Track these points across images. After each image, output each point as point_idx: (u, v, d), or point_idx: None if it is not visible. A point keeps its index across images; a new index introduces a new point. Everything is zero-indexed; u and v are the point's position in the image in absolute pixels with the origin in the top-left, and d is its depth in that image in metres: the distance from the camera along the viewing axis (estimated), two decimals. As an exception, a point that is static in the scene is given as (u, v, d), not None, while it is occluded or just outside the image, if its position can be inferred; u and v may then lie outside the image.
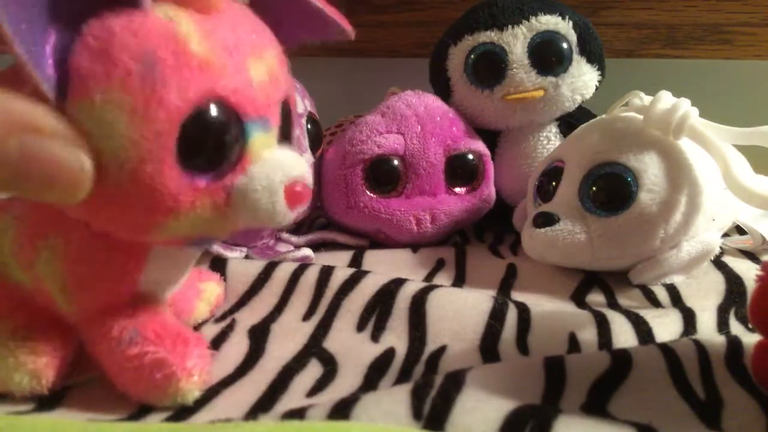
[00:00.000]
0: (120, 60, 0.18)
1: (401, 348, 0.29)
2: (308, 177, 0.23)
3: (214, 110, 0.20)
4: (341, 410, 0.21)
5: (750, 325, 0.30)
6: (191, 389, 0.24)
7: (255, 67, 0.21)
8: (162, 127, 0.19)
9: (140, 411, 0.24)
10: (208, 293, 0.32)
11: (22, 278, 0.25)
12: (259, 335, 0.31)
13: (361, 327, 0.31)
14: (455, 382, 0.22)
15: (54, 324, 0.25)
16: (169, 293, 0.27)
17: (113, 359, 0.24)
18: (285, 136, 0.24)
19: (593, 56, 0.46)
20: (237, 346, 0.30)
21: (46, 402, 0.25)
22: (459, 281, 0.38)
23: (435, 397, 0.22)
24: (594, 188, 0.35)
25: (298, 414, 0.21)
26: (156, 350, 0.23)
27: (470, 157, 0.46)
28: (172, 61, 0.19)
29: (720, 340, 0.26)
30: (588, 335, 0.29)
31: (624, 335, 0.29)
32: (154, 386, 0.23)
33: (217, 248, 0.39)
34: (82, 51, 0.18)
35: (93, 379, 0.26)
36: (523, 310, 0.31)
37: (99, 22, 0.19)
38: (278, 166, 0.22)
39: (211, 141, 0.20)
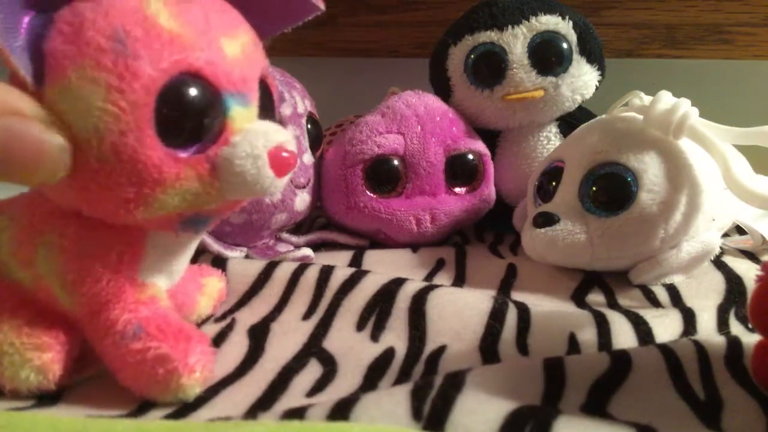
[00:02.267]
0: (91, 38, 0.19)
1: (401, 348, 0.29)
2: (292, 144, 0.23)
3: (188, 82, 0.21)
4: (341, 410, 0.21)
5: (750, 325, 0.30)
6: (193, 385, 0.24)
7: (228, 45, 0.22)
8: (138, 98, 0.19)
9: (140, 408, 0.24)
10: (209, 288, 0.32)
11: (22, 276, 0.25)
12: (259, 335, 0.31)
13: (360, 326, 0.31)
14: (455, 382, 0.22)
15: (57, 320, 0.25)
16: (169, 284, 0.27)
17: (116, 353, 0.24)
18: (267, 114, 0.24)
19: (593, 56, 0.46)
20: (237, 346, 0.30)
21: (45, 399, 0.25)
22: (459, 281, 0.38)
23: (435, 398, 0.22)
24: (594, 188, 0.35)
25: (298, 414, 0.21)
26: (159, 345, 0.23)
27: (470, 157, 0.46)
28: (142, 34, 0.20)
29: (720, 340, 0.26)
30: (588, 335, 0.29)
31: (624, 335, 0.29)
32: (156, 381, 0.23)
33: (218, 248, 0.39)
34: (56, 36, 0.19)
35: (96, 376, 0.26)
36: (523, 310, 0.31)
37: (70, 9, 0.20)
38: (260, 133, 0.22)
39: (189, 113, 0.21)
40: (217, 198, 0.22)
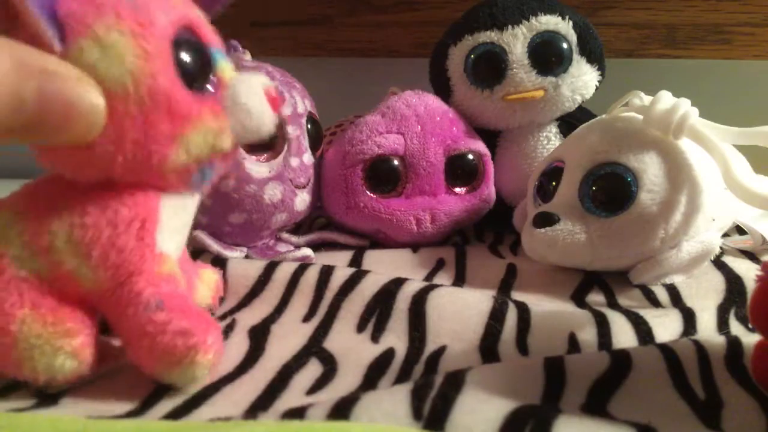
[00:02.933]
0: None
1: (401, 348, 0.29)
2: (272, 85, 0.27)
3: (190, 34, 0.24)
4: (341, 410, 0.21)
5: (750, 325, 0.30)
6: (205, 365, 0.24)
7: (197, 11, 0.25)
8: (159, 44, 0.22)
9: (140, 408, 0.24)
10: (206, 277, 0.33)
11: (38, 267, 0.25)
12: (259, 336, 0.31)
13: (361, 328, 0.31)
14: (455, 382, 0.22)
15: (78, 306, 0.25)
16: (179, 251, 0.28)
17: (136, 323, 0.24)
18: None
19: (593, 56, 0.46)
20: (237, 346, 0.30)
21: (46, 399, 0.25)
22: (459, 281, 0.38)
23: (435, 398, 0.22)
24: (594, 188, 0.35)
25: (297, 413, 0.21)
26: (181, 319, 0.24)
27: (470, 157, 0.46)
28: None
29: (720, 340, 0.26)
30: (588, 335, 0.29)
31: (624, 335, 0.29)
32: (172, 354, 0.24)
33: (217, 248, 0.39)
34: (69, 1, 0.21)
35: (101, 376, 0.26)
36: (523, 310, 0.31)
37: None
38: (251, 77, 0.26)
39: (198, 58, 0.24)
40: (228, 137, 0.25)
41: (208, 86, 0.25)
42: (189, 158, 0.24)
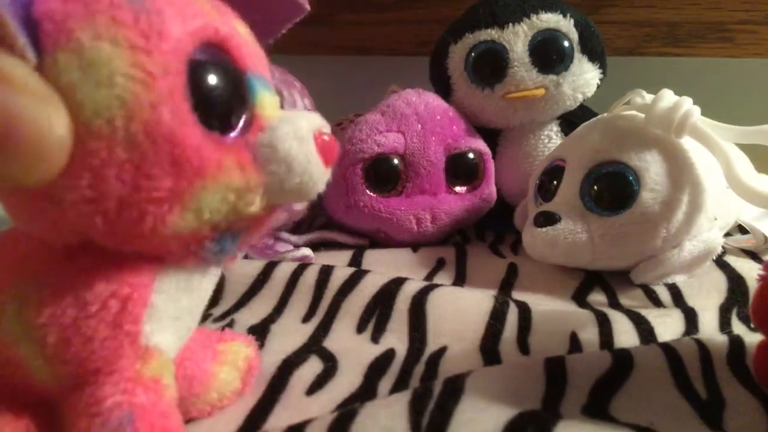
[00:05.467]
0: None
1: (401, 348, 0.29)
2: (329, 129, 0.20)
3: (218, 52, 0.17)
4: (339, 427, 0.21)
5: (752, 325, 0.30)
6: None
7: (240, 26, 0.19)
8: (168, 62, 0.16)
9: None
10: (232, 356, 0.25)
11: None
12: (258, 335, 0.30)
13: (361, 329, 0.31)
14: (453, 390, 0.22)
15: (26, 406, 0.19)
16: (179, 345, 0.21)
17: None
18: None
19: (594, 54, 0.46)
20: (236, 346, 0.30)
21: None
22: (459, 281, 0.38)
23: (433, 410, 0.21)
24: (595, 187, 0.35)
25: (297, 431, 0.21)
26: None
27: (471, 156, 0.45)
28: None
29: (722, 339, 0.26)
30: (589, 335, 0.29)
31: (625, 335, 0.29)
32: None
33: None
34: None
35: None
36: (524, 310, 0.31)
37: None
38: (299, 116, 0.19)
39: (224, 85, 0.17)
40: (259, 198, 0.18)
41: (237, 126, 0.18)
42: (200, 223, 0.17)
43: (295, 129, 0.18)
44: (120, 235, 0.17)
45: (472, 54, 0.46)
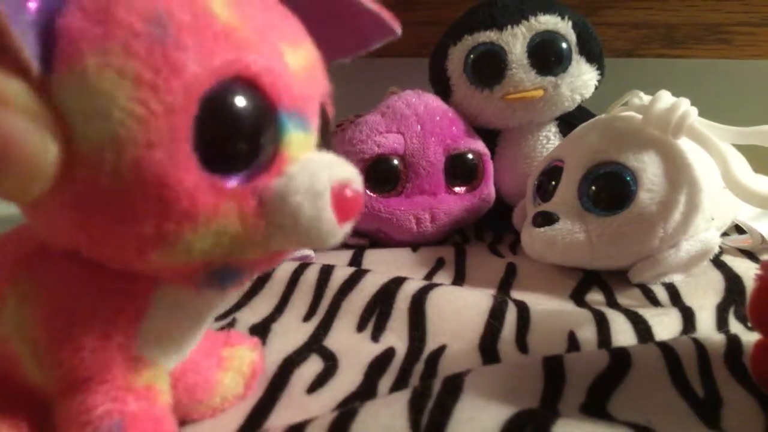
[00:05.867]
0: (123, 18, 0.14)
1: (401, 347, 0.29)
2: (359, 182, 0.18)
3: (241, 90, 0.16)
4: (339, 427, 0.21)
5: (749, 324, 0.30)
6: None
7: (290, 54, 0.17)
8: (176, 101, 0.15)
9: None
10: (236, 361, 0.25)
11: None
12: (260, 334, 0.31)
13: (361, 328, 0.31)
14: (453, 389, 0.22)
15: (22, 404, 0.19)
16: (175, 363, 0.20)
17: None
18: (322, 148, 0.19)
19: (592, 56, 0.46)
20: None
21: None
22: (459, 280, 0.38)
23: (433, 408, 0.21)
24: (593, 188, 0.35)
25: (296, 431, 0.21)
26: None
27: (470, 156, 0.46)
28: (191, 20, 0.15)
29: (719, 338, 0.26)
30: (587, 334, 0.29)
31: (623, 334, 0.29)
32: None
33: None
34: (75, 11, 0.14)
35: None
36: (523, 309, 0.31)
37: None
38: (323, 165, 0.17)
39: (240, 127, 0.16)
40: (259, 245, 0.17)
41: (252, 167, 0.16)
42: (189, 259, 0.16)
43: (312, 181, 0.16)
44: (105, 257, 0.17)
45: (471, 55, 0.46)
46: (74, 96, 0.14)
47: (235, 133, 0.16)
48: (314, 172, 0.17)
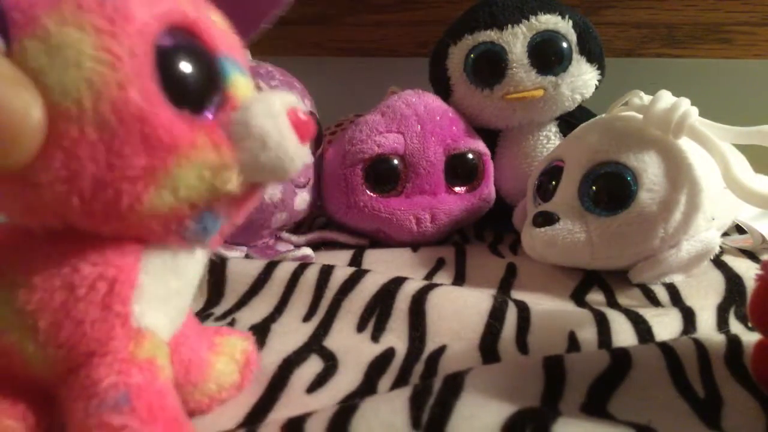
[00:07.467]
0: None
1: (401, 347, 0.29)
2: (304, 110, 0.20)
3: (186, 33, 0.18)
4: (339, 422, 0.21)
5: (750, 324, 0.30)
6: None
7: (214, 16, 0.20)
8: (134, 45, 0.16)
9: None
10: (229, 348, 0.25)
11: None
12: (259, 334, 0.31)
13: (361, 328, 0.31)
14: (454, 386, 0.22)
15: (23, 394, 0.19)
16: (172, 328, 0.21)
17: (83, 424, 0.17)
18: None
19: (593, 55, 0.46)
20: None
21: None
22: (459, 280, 0.38)
23: (433, 405, 0.21)
24: (594, 188, 0.35)
25: (296, 426, 0.21)
26: (148, 425, 0.17)
27: (470, 156, 0.46)
28: None
29: (720, 338, 0.26)
30: (588, 334, 0.29)
31: (624, 334, 0.29)
32: None
33: (217, 247, 0.39)
34: None
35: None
36: (523, 309, 0.31)
37: None
38: (273, 95, 0.19)
39: (192, 67, 0.18)
40: (235, 175, 0.19)
41: (209, 106, 0.18)
42: (177, 201, 0.18)
43: (267, 106, 0.19)
44: (98, 216, 0.18)
45: (472, 55, 0.46)
46: (44, 56, 0.16)
47: (192, 73, 0.18)
48: (266, 99, 0.19)
